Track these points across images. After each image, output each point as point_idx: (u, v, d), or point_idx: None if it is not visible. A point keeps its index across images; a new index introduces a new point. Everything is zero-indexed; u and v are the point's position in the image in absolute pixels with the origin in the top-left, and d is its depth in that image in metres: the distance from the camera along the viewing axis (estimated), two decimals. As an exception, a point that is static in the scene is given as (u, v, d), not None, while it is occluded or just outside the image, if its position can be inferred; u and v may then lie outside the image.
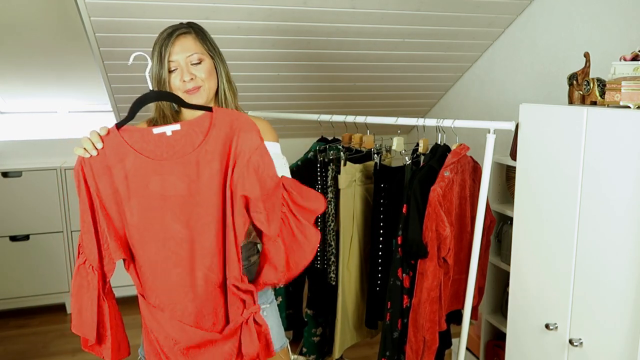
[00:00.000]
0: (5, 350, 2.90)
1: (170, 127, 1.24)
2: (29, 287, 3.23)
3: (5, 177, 3.13)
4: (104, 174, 1.21)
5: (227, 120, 1.25)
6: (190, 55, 1.36)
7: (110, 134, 1.22)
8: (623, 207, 1.41)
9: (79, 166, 1.22)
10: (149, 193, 1.21)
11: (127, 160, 1.21)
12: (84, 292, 1.25)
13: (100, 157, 1.21)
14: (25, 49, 2.95)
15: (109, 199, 1.22)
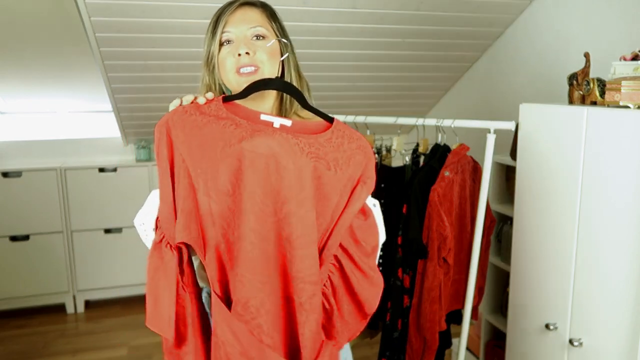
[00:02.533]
0: (5, 350, 2.90)
1: (279, 119, 1.08)
2: (29, 287, 3.23)
3: (5, 177, 3.13)
4: (195, 136, 1.02)
5: (352, 135, 1.10)
6: (253, 27, 1.12)
7: (214, 102, 1.07)
8: (623, 207, 1.41)
9: (165, 122, 1.03)
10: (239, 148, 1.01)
11: (227, 133, 1.03)
12: (160, 275, 1.03)
13: (197, 119, 1.04)
14: (25, 49, 2.95)
15: (198, 164, 1.01)
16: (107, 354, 2.80)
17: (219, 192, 0.99)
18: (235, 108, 1.07)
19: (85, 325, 3.14)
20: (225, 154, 1.00)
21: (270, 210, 1.01)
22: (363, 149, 1.10)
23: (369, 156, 1.10)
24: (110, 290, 3.35)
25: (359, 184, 1.08)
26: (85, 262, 3.27)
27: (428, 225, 1.91)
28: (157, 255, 1.04)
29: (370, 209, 1.14)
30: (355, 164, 1.08)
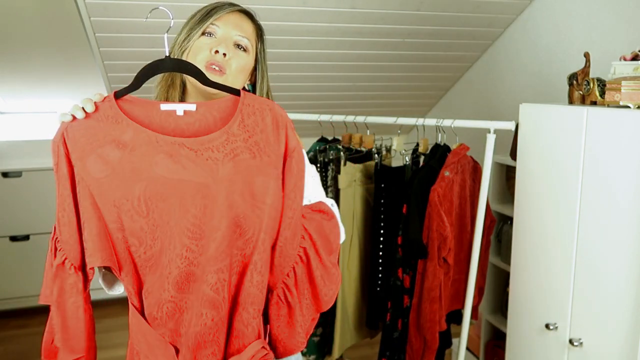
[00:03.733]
0: (5, 350, 2.90)
1: (182, 105, 1.00)
2: (29, 287, 3.23)
3: (5, 177, 3.13)
4: (93, 151, 0.96)
5: (262, 106, 1.02)
6: (240, 36, 1.11)
7: (106, 102, 0.98)
8: (623, 206, 1.41)
9: (60, 137, 0.97)
10: (158, 176, 0.96)
11: (126, 135, 0.97)
12: (67, 298, 1.01)
13: (90, 130, 0.97)
14: (25, 49, 2.95)
15: (98, 183, 0.95)
16: (107, 354, 2.80)
17: (134, 212, 0.96)
18: (131, 105, 1.00)
19: (85, 325, 3.14)
20: (135, 174, 0.96)
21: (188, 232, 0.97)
22: (278, 119, 1.03)
23: (286, 124, 1.03)
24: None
25: (287, 159, 1.02)
26: (85, 262, 3.27)
27: (428, 225, 1.91)
28: (63, 277, 1.00)
29: (331, 209, 1.14)
30: (276, 139, 1.01)
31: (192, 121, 1.01)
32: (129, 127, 0.97)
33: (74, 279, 1.00)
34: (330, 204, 1.17)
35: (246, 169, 0.98)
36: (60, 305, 1.02)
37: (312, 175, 1.18)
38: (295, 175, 1.02)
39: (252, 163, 0.99)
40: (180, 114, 1.00)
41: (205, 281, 0.97)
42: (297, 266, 1.05)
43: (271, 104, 1.04)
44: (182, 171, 0.97)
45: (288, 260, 1.04)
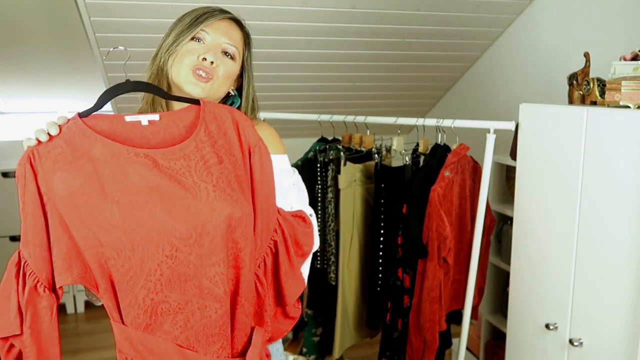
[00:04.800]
0: (5, 350, 2.90)
1: (146, 116, 1.04)
2: (29, 287, 3.23)
3: (5, 177, 3.13)
4: (60, 168, 0.97)
5: (221, 112, 1.07)
6: (229, 44, 1.14)
7: (71, 122, 1.00)
8: (623, 206, 1.41)
9: (26, 159, 1.00)
10: (130, 186, 0.97)
11: (95, 150, 0.98)
12: (41, 323, 0.98)
13: (57, 149, 0.99)
14: (25, 49, 2.95)
15: (65, 201, 0.96)
16: (107, 354, 2.80)
17: (108, 223, 0.95)
18: (96, 121, 1.02)
19: (85, 325, 3.14)
20: (106, 186, 0.97)
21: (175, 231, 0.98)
22: (237, 120, 1.08)
23: (244, 124, 1.08)
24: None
25: (250, 154, 1.07)
26: (85, 262, 3.27)
27: (428, 225, 1.91)
28: (37, 302, 0.97)
29: (309, 217, 1.17)
30: (237, 139, 1.06)
31: (156, 130, 1.04)
32: (96, 141, 0.99)
33: (47, 301, 0.98)
34: (309, 214, 1.20)
35: (218, 170, 1.03)
36: (35, 333, 0.97)
37: (294, 183, 1.21)
38: (260, 168, 1.07)
39: (222, 165, 1.03)
40: (145, 124, 1.03)
41: (205, 275, 0.99)
42: (267, 257, 1.09)
43: (229, 108, 1.09)
44: (157, 178, 0.99)
45: (259, 250, 1.08)
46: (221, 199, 1.00)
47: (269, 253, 1.09)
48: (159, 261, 0.97)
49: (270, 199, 1.09)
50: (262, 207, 1.07)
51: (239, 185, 1.04)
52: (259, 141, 1.08)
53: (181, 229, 0.97)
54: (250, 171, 1.07)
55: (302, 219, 1.16)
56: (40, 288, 0.97)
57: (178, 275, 0.98)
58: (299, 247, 1.14)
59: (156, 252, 0.97)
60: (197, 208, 0.99)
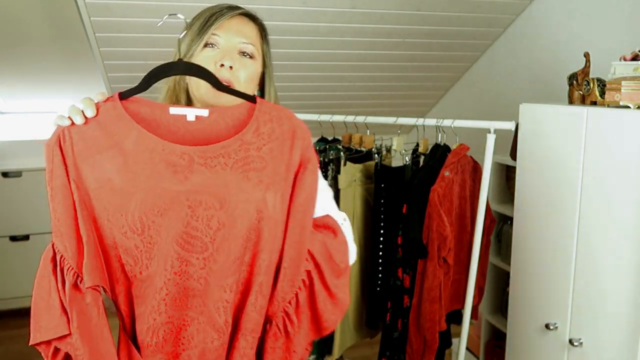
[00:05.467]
0: (5, 350, 2.90)
1: (194, 110, 0.93)
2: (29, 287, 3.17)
3: (5, 177, 3.13)
4: (91, 157, 0.87)
5: (280, 115, 0.95)
6: (244, 43, 1.03)
7: (109, 103, 0.90)
8: (623, 206, 1.41)
9: (55, 141, 0.89)
10: (156, 188, 0.87)
11: (128, 140, 0.87)
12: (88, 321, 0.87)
13: (90, 133, 0.88)
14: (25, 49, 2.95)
15: (93, 194, 0.87)
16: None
17: (128, 228, 0.87)
18: (137, 106, 0.90)
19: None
20: (132, 185, 0.86)
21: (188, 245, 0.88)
22: (296, 129, 0.95)
23: (304, 135, 0.96)
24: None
25: (300, 170, 0.94)
26: (85, 262, 3.27)
27: (428, 225, 1.91)
28: (78, 300, 0.87)
29: (338, 225, 1.02)
30: (290, 149, 0.94)
31: (202, 127, 0.92)
32: (132, 130, 0.88)
33: (92, 296, 0.88)
34: (342, 219, 1.07)
35: (256, 178, 0.90)
36: (85, 332, 0.87)
37: (323, 189, 1.08)
38: (307, 188, 0.93)
39: (262, 173, 0.91)
40: (191, 120, 0.92)
41: (211, 297, 0.89)
42: (300, 292, 0.94)
43: (291, 114, 0.97)
44: (184, 182, 0.88)
45: (291, 285, 0.93)
46: (248, 213, 0.88)
47: (302, 287, 0.94)
48: (165, 279, 0.88)
49: (309, 225, 0.95)
50: (298, 232, 0.92)
51: (275, 199, 0.91)
52: (313, 158, 0.96)
53: (197, 242, 0.88)
54: (293, 188, 0.93)
55: (329, 228, 1.00)
56: (81, 284, 0.88)
57: (185, 290, 0.88)
58: (334, 269, 0.98)
59: (164, 269, 0.87)
60: (221, 219, 0.88)
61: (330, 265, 0.97)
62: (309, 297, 0.96)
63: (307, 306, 0.96)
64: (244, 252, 0.89)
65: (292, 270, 0.93)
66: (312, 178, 0.95)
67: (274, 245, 0.91)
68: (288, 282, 0.93)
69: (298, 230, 0.92)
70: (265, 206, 0.90)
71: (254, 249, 0.90)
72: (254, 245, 0.90)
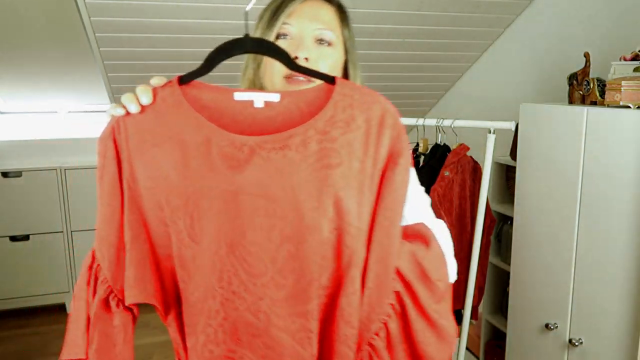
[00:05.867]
0: (5, 350, 2.90)
1: (262, 94, 0.77)
2: (29, 287, 3.23)
3: (5, 177, 3.13)
4: (147, 151, 0.74)
5: (364, 99, 0.76)
6: (320, 29, 0.90)
7: (167, 89, 0.77)
8: (623, 206, 1.41)
9: (109, 134, 0.76)
10: (210, 188, 0.73)
11: (187, 131, 0.74)
12: (112, 347, 0.77)
13: (146, 123, 0.75)
14: (25, 49, 2.95)
15: (149, 194, 0.74)
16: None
17: (186, 234, 0.73)
18: (197, 91, 0.78)
19: (85, 325, 3.14)
20: (192, 184, 0.73)
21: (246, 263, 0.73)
22: (385, 115, 0.76)
23: (394, 123, 0.76)
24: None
25: (388, 166, 0.76)
26: (85, 262, 3.27)
27: (428, 225, 1.91)
28: (104, 319, 0.75)
29: (431, 234, 0.81)
30: (376, 140, 0.75)
31: (273, 115, 0.77)
32: (191, 119, 0.75)
33: (122, 319, 0.76)
34: (442, 228, 0.90)
35: (330, 176, 0.72)
36: (103, 359, 0.76)
37: (415, 191, 0.92)
38: (396, 189, 0.75)
39: (339, 171, 0.73)
40: (259, 106, 0.77)
41: (284, 328, 0.73)
42: (390, 320, 0.76)
43: (377, 97, 0.78)
44: (240, 181, 0.72)
45: (378, 311, 0.75)
46: (321, 222, 0.71)
47: (391, 313, 0.76)
48: (221, 299, 0.72)
49: (394, 237, 0.75)
50: (386, 244, 0.74)
51: (356, 204, 0.73)
52: (405, 152, 0.77)
53: (252, 260, 0.72)
54: (379, 190, 0.75)
55: (421, 238, 0.80)
56: (112, 301, 0.76)
57: (245, 325, 0.73)
58: (432, 290, 0.78)
59: (218, 285, 0.72)
60: (285, 230, 0.72)
61: (426, 284, 0.77)
62: (402, 326, 0.76)
63: (401, 339, 0.77)
64: (320, 273, 0.72)
65: (378, 292, 0.74)
66: (402, 177, 0.76)
67: (359, 260, 0.73)
68: (373, 307, 0.75)
69: (385, 241, 0.74)
70: (342, 213, 0.72)
71: (331, 267, 0.73)
72: (331, 263, 0.73)
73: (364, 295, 0.74)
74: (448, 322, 0.79)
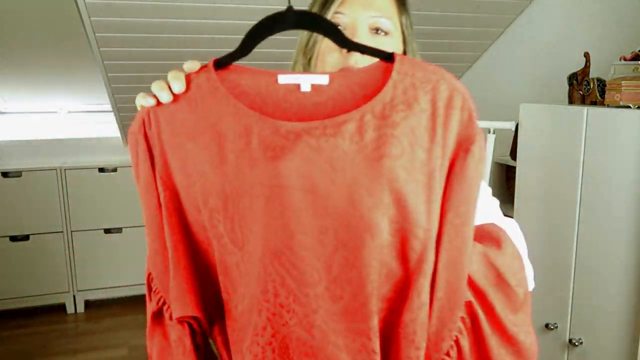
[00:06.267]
0: (5, 350, 2.90)
1: (309, 76, 0.68)
2: (29, 287, 3.23)
3: (5, 177, 3.13)
4: (181, 146, 0.66)
5: (429, 78, 0.65)
6: (376, 17, 0.82)
7: (202, 75, 0.68)
8: (623, 206, 1.41)
9: (140, 126, 0.68)
10: (252, 185, 0.63)
11: (225, 121, 0.65)
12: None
13: (179, 114, 0.67)
14: (25, 49, 2.95)
15: (185, 193, 0.66)
16: (107, 353, 2.80)
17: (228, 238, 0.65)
18: (236, 76, 0.69)
19: (85, 325, 3.14)
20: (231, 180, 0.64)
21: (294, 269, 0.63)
22: (453, 95, 0.65)
23: (463, 104, 0.66)
24: (110, 290, 3.35)
25: (457, 155, 0.65)
26: (85, 262, 3.27)
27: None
28: (160, 333, 0.69)
29: (503, 233, 0.73)
30: (444, 125, 0.65)
31: (323, 100, 0.67)
32: (229, 107, 0.65)
33: (177, 332, 0.67)
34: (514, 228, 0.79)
35: (391, 170, 0.62)
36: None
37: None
38: (469, 182, 0.65)
39: (401, 161, 0.62)
40: (306, 90, 0.68)
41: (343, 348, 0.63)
42: (462, 337, 0.66)
43: (444, 74, 0.67)
44: (284, 172, 0.62)
45: (450, 326, 0.65)
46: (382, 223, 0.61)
47: (462, 328, 0.66)
48: (268, 313, 0.63)
49: (467, 238, 0.65)
50: (458, 247, 0.64)
51: (423, 201, 0.63)
52: (478, 138, 0.66)
53: (303, 267, 0.62)
54: (447, 183, 0.65)
55: (493, 239, 0.72)
56: (167, 313, 0.68)
57: (297, 342, 0.63)
58: (510, 297, 0.70)
59: (263, 298, 0.63)
60: (340, 233, 0.61)
61: (502, 291, 0.68)
62: (474, 343, 0.67)
63: (473, 358, 0.68)
64: (381, 283, 0.63)
65: (449, 303, 0.64)
66: (475, 167, 0.65)
67: (424, 269, 0.63)
68: (444, 322, 0.65)
69: (457, 242, 0.64)
70: (406, 212, 0.62)
71: (394, 277, 0.63)
72: (394, 272, 0.63)
73: (433, 308, 0.64)
74: (528, 336, 0.70)
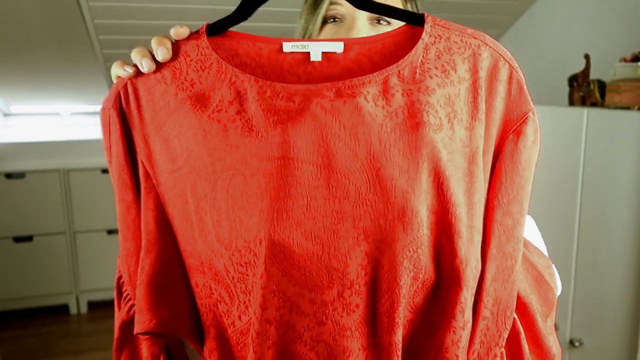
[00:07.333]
0: (8, 350, 2.92)
1: (322, 44, 0.56)
2: (32, 287, 3.25)
3: (8, 178, 3.14)
4: (164, 122, 0.54)
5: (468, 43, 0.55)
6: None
7: (191, 42, 0.56)
8: (623, 207, 1.41)
9: (112, 102, 0.56)
10: (259, 156, 0.49)
11: (216, 94, 0.53)
12: None
13: (163, 86, 0.55)
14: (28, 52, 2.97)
15: (171, 181, 0.54)
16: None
17: (214, 235, 0.52)
18: (233, 43, 0.57)
19: (88, 326, 3.15)
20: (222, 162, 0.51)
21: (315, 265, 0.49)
22: (497, 63, 0.56)
23: (510, 74, 0.57)
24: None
25: (505, 137, 0.54)
26: (88, 263, 3.28)
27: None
28: (130, 348, 0.57)
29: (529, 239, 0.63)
30: (489, 98, 0.53)
31: (337, 72, 0.55)
32: (221, 75, 0.53)
33: (150, 349, 0.55)
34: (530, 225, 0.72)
35: (431, 144, 0.49)
36: None
37: None
38: (521, 172, 0.56)
39: (440, 135, 0.50)
40: (316, 60, 0.55)
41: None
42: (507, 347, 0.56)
43: (484, 37, 0.58)
44: (289, 142, 0.49)
45: (494, 351, 0.53)
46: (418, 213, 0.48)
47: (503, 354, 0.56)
48: (268, 325, 0.49)
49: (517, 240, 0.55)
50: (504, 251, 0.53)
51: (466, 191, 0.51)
52: (531, 118, 0.56)
53: (308, 264, 0.49)
54: (494, 171, 0.54)
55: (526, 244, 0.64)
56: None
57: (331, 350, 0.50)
58: (547, 304, 0.61)
59: (276, 308, 0.50)
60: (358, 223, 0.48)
61: (543, 294, 0.58)
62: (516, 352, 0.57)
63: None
64: (415, 290, 0.50)
65: (496, 322, 0.52)
66: (529, 154, 0.55)
67: (467, 278, 0.50)
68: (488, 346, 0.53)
69: (509, 250, 0.53)
70: (449, 202, 0.49)
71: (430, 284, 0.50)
72: (430, 277, 0.50)
73: (477, 327, 0.51)
74: (555, 343, 0.60)
